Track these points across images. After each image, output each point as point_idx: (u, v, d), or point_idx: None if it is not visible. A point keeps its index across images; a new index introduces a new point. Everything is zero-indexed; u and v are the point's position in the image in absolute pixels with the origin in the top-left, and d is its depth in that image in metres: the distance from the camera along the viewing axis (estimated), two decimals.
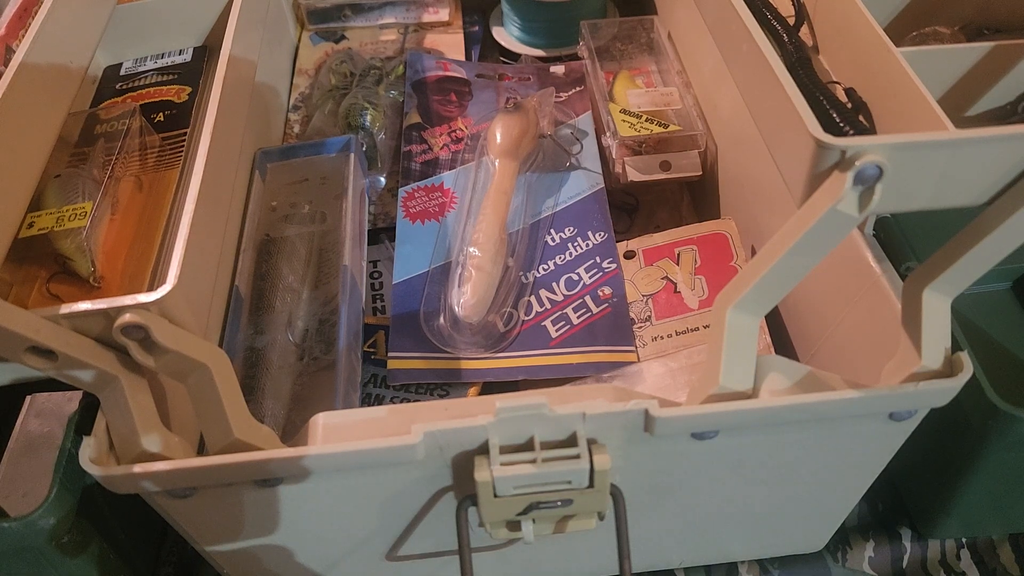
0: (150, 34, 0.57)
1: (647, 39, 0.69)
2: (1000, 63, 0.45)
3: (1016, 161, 0.33)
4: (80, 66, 0.43)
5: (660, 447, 0.39)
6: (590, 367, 0.51)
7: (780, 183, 0.37)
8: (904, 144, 0.31)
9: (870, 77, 0.41)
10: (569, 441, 0.36)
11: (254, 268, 0.53)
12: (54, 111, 0.40)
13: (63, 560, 0.42)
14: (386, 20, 0.77)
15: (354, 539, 0.43)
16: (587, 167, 0.61)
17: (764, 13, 0.48)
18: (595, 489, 0.37)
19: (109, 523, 0.45)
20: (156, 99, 0.54)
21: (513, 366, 0.51)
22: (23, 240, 0.42)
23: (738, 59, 0.42)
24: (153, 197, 0.47)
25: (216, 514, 0.40)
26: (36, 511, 0.39)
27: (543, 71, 0.70)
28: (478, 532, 0.39)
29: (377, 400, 0.51)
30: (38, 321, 0.32)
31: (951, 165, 0.33)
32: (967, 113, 0.47)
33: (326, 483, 0.38)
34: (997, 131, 0.33)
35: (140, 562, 0.50)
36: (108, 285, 0.42)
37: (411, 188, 0.60)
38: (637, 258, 0.56)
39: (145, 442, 0.36)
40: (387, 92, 0.67)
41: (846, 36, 0.43)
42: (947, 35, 0.50)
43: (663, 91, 0.63)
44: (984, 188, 0.34)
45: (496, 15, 0.79)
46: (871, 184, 0.32)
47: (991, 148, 0.33)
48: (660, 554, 0.50)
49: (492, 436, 0.36)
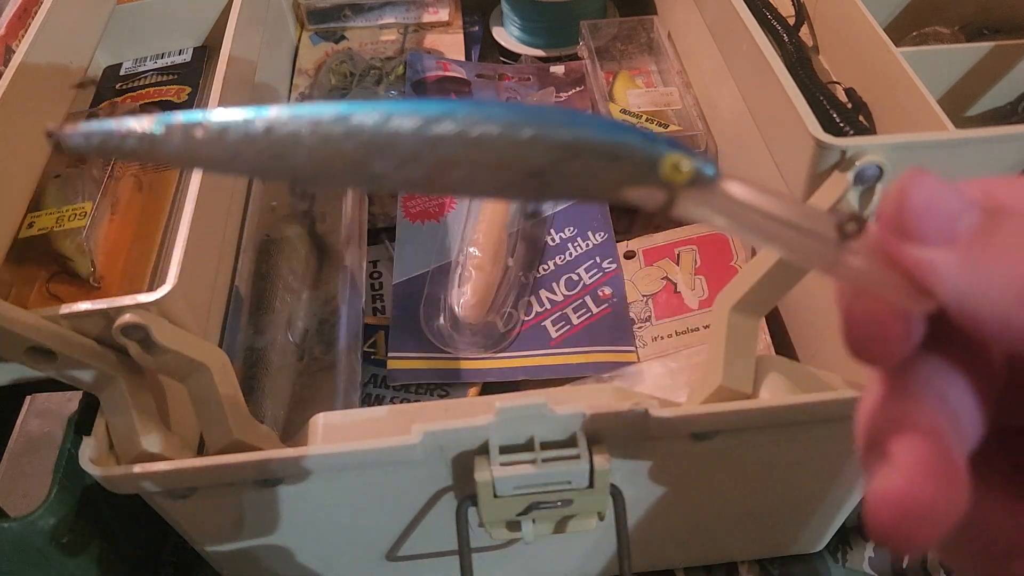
0: (150, 34, 0.57)
1: (647, 39, 0.69)
2: (1000, 63, 0.45)
3: (1016, 161, 0.33)
4: (80, 66, 0.43)
5: (660, 447, 0.39)
6: (590, 367, 0.51)
7: (781, 183, 0.37)
8: (904, 144, 0.31)
9: (870, 77, 0.41)
10: (569, 441, 0.36)
11: (254, 268, 0.53)
12: (54, 111, 0.40)
13: (63, 560, 0.42)
14: (386, 20, 0.77)
15: (354, 539, 0.43)
16: None
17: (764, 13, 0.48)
18: (595, 489, 0.37)
19: (109, 523, 0.45)
20: (156, 99, 0.54)
21: (513, 366, 0.51)
22: (23, 240, 0.42)
23: (738, 59, 0.42)
24: (153, 197, 0.47)
25: (216, 514, 0.40)
26: (36, 511, 0.39)
27: (543, 71, 0.70)
28: (478, 532, 0.39)
29: (377, 400, 0.51)
30: (38, 321, 0.32)
31: (951, 165, 0.33)
32: (967, 113, 0.47)
33: (326, 483, 0.38)
34: (997, 131, 0.33)
35: (140, 562, 0.50)
36: (108, 285, 0.42)
37: None
38: (637, 258, 0.56)
39: (145, 442, 0.36)
40: (387, 92, 0.67)
41: (846, 36, 0.43)
42: (947, 35, 0.50)
43: (663, 91, 0.63)
44: None
45: (496, 15, 0.79)
46: (871, 184, 0.32)
47: (991, 148, 0.33)
48: (660, 554, 0.50)
49: (492, 436, 0.36)
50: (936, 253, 0.14)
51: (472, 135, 0.17)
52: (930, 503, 0.14)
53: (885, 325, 0.15)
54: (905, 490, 0.14)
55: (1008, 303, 0.14)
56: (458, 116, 0.17)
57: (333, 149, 0.17)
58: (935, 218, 0.15)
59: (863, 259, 0.16)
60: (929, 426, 0.15)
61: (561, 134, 0.17)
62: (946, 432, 0.15)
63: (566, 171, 0.17)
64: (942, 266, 0.14)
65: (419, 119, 0.17)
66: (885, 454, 0.15)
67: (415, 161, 0.17)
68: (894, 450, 0.15)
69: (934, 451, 0.15)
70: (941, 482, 0.14)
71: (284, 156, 0.17)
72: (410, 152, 0.17)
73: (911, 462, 0.15)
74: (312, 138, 0.17)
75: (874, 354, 0.15)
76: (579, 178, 0.17)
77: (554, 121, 0.17)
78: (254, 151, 0.17)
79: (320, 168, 0.17)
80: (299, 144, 0.17)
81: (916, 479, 0.14)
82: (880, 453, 0.15)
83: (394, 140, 0.17)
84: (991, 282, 0.14)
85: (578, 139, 0.17)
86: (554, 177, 0.17)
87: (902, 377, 0.16)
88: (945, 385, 0.16)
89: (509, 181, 0.17)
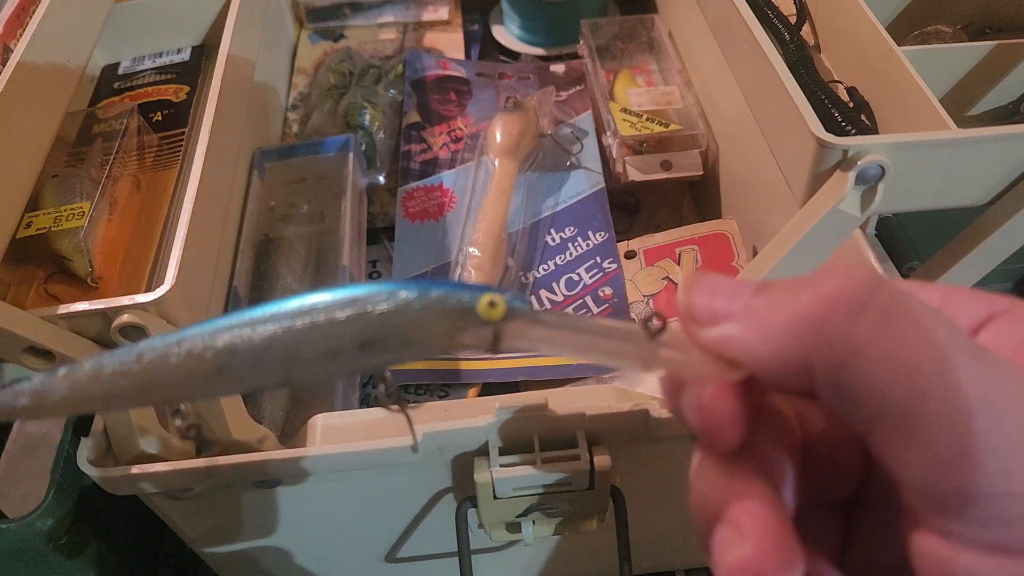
0: (148, 33, 0.57)
1: (648, 38, 0.69)
2: (1002, 62, 0.45)
3: (1018, 161, 0.33)
4: (78, 65, 0.43)
5: (661, 448, 0.39)
6: (590, 368, 0.51)
7: (782, 182, 0.37)
8: (906, 144, 0.31)
9: (872, 76, 0.40)
10: (569, 442, 0.36)
11: (252, 268, 0.52)
12: (52, 110, 0.40)
13: (61, 561, 0.41)
14: (385, 19, 0.77)
15: (353, 541, 0.43)
16: (587, 166, 0.61)
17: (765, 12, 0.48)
18: (595, 491, 0.37)
19: (107, 524, 0.45)
20: (154, 98, 0.53)
21: (513, 367, 0.51)
22: (21, 240, 0.42)
23: (739, 58, 0.42)
24: (151, 197, 0.46)
25: (214, 516, 0.40)
26: (34, 512, 0.39)
27: (543, 70, 0.70)
28: (478, 534, 0.39)
29: (376, 401, 0.51)
30: (36, 321, 0.32)
31: (953, 165, 0.33)
32: (969, 112, 0.47)
33: (325, 484, 0.38)
34: (1000, 131, 0.32)
35: (139, 563, 0.49)
36: (106, 285, 0.42)
37: (410, 188, 0.60)
38: (638, 258, 0.56)
39: (143, 443, 0.36)
40: (386, 91, 0.67)
41: (848, 35, 0.43)
42: (949, 34, 0.50)
43: (664, 90, 0.63)
44: (986, 188, 0.34)
45: (496, 14, 0.79)
46: (873, 184, 0.32)
47: (994, 148, 0.32)
48: (661, 556, 0.50)
49: (492, 437, 0.36)
50: (726, 326, 0.18)
51: (298, 326, 0.19)
52: (778, 571, 0.16)
53: (718, 414, 0.18)
54: (756, 560, 0.16)
55: (781, 340, 0.17)
56: (279, 313, 0.20)
57: (196, 360, 0.20)
58: (719, 299, 0.18)
59: (674, 351, 0.19)
60: (765, 495, 0.17)
61: (379, 306, 0.19)
62: (780, 501, 0.18)
63: (396, 336, 0.20)
64: (732, 333, 0.18)
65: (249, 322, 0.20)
66: (729, 525, 0.17)
67: (267, 354, 0.20)
68: (739, 522, 0.17)
69: (775, 519, 0.17)
70: (784, 548, 0.17)
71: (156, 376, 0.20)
72: (261, 348, 0.19)
73: (758, 533, 0.17)
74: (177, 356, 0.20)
75: (721, 441, 0.18)
76: (412, 337, 0.20)
77: (372, 295, 0.20)
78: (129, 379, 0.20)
79: (188, 383, 0.20)
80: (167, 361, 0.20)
81: (765, 546, 0.17)
82: (720, 522, 0.18)
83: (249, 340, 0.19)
84: (766, 330, 0.17)
85: (398, 304, 0.19)
86: (386, 344, 0.20)
87: (735, 454, 0.18)
88: (770, 459, 0.18)
89: (346, 356, 0.20)
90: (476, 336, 0.20)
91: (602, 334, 0.19)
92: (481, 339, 0.20)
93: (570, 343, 0.20)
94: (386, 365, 0.21)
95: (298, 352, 0.19)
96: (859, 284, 0.16)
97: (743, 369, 0.18)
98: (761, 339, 0.17)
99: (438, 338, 0.20)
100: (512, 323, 0.20)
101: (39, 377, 0.21)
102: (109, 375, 0.20)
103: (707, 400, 0.18)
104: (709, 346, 0.18)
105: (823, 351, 0.16)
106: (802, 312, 0.16)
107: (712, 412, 0.18)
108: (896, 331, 0.15)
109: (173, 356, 0.20)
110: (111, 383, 0.20)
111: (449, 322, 0.20)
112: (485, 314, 0.19)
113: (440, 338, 0.20)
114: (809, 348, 0.16)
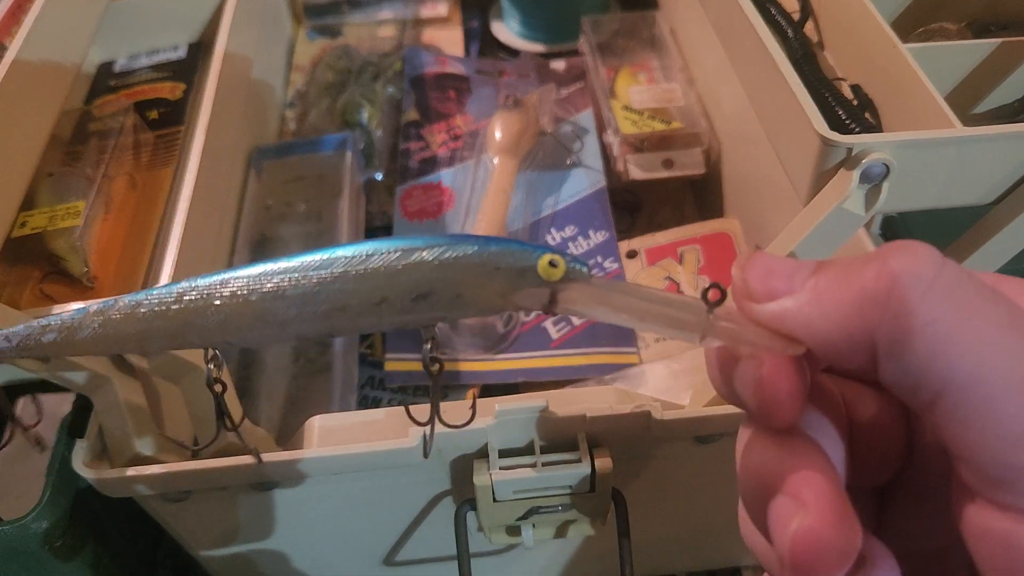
0: (144, 30, 0.57)
1: (649, 35, 0.69)
2: (1007, 60, 0.44)
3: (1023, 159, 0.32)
4: (73, 63, 0.42)
5: (663, 450, 0.38)
6: (591, 369, 0.50)
7: (785, 181, 0.36)
8: (911, 142, 0.31)
9: (876, 74, 0.40)
10: (570, 444, 0.36)
11: None
12: (47, 109, 0.40)
13: (57, 564, 0.41)
14: (384, 15, 0.76)
15: (351, 544, 0.43)
16: (588, 165, 0.61)
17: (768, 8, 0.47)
18: (596, 493, 0.36)
19: (103, 526, 0.45)
20: (150, 96, 0.53)
21: (513, 368, 0.50)
22: (16, 240, 0.41)
23: (742, 55, 0.41)
24: (147, 196, 0.46)
25: (211, 518, 0.39)
26: (29, 514, 0.39)
27: (543, 67, 0.70)
28: (477, 537, 0.39)
29: (374, 402, 0.51)
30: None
31: (959, 163, 0.32)
32: (974, 110, 0.47)
33: (322, 487, 0.38)
34: (1006, 129, 0.32)
35: (136, 565, 0.49)
36: (102, 285, 0.41)
37: (409, 186, 0.59)
38: (639, 258, 0.55)
39: (139, 445, 0.35)
40: (385, 89, 0.66)
41: (851, 32, 0.43)
42: (953, 31, 0.49)
43: (665, 87, 0.63)
44: (991, 187, 0.34)
45: (495, 10, 0.78)
46: (877, 182, 0.31)
47: (999, 146, 0.32)
48: (663, 559, 0.50)
49: (491, 439, 0.36)
50: (783, 301, 0.18)
51: (352, 272, 0.19)
52: (841, 539, 0.17)
53: (777, 388, 0.18)
54: (820, 528, 0.17)
55: (844, 314, 0.17)
56: (333, 258, 0.19)
57: (240, 302, 0.19)
58: (776, 278, 0.18)
59: (731, 322, 0.19)
60: (826, 468, 0.18)
61: (440, 255, 0.19)
62: (837, 475, 0.18)
63: (450, 291, 0.19)
64: (790, 307, 0.18)
65: (300, 266, 0.19)
66: (789, 496, 0.17)
67: (315, 300, 0.19)
68: (800, 493, 0.17)
69: (835, 490, 0.17)
70: (846, 517, 0.17)
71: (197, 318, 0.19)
72: (311, 292, 0.19)
73: (820, 503, 0.17)
74: (221, 296, 0.19)
75: (779, 416, 0.18)
76: (466, 293, 0.19)
77: (435, 245, 0.19)
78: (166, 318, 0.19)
79: (229, 325, 0.19)
80: (209, 302, 0.19)
81: (827, 515, 0.17)
82: (779, 494, 0.18)
83: (297, 284, 0.19)
84: (828, 305, 0.17)
85: (458, 255, 0.19)
86: (439, 298, 0.19)
87: (788, 431, 0.18)
88: (824, 436, 0.19)
89: (396, 307, 0.19)
90: (531, 297, 0.19)
91: (660, 302, 0.19)
92: (536, 300, 0.20)
93: (628, 308, 0.19)
94: (433, 322, 0.20)
95: (346, 300, 0.19)
96: (925, 261, 0.16)
97: (803, 344, 0.18)
98: (822, 314, 0.17)
99: (492, 296, 0.19)
100: (570, 285, 0.19)
101: (70, 311, 0.20)
102: (144, 313, 0.19)
103: (767, 375, 0.18)
104: (766, 321, 0.18)
105: (887, 326, 0.16)
106: (867, 287, 0.16)
107: (771, 386, 0.18)
108: (962, 307, 0.16)
109: (216, 297, 0.19)
110: (146, 322, 0.19)
111: (505, 280, 0.19)
112: (545, 273, 0.19)
113: (494, 297, 0.19)
114: (873, 323, 0.16)
